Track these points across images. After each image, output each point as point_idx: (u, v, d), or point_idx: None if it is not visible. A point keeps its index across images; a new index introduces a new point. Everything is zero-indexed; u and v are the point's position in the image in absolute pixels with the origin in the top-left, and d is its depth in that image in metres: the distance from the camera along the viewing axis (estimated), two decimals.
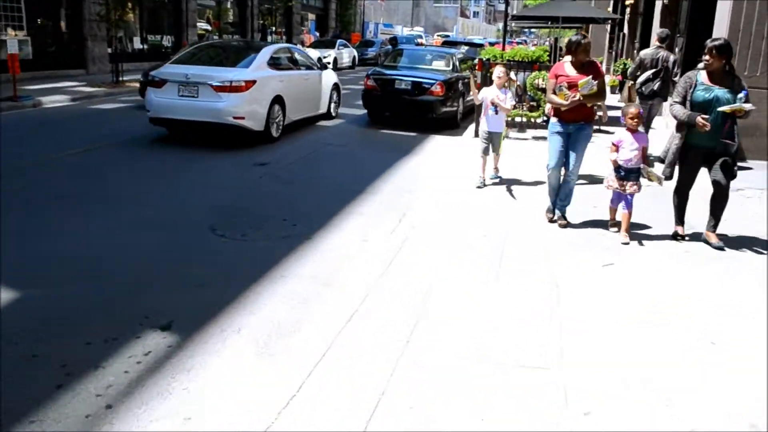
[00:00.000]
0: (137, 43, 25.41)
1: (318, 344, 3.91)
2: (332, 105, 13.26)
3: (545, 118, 10.87)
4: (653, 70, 9.32)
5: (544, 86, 11.12)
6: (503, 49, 12.65)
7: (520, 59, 11.31)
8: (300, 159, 9.38)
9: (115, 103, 15.08)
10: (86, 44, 22.39)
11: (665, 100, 9.50)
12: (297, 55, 12.24)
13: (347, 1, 45.50)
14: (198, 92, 9.56)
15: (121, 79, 19.18)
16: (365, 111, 13.25)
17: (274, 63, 10.90)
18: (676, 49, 13.08)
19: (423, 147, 10.84)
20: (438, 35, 58.21)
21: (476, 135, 11.20)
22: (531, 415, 3.26)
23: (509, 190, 7.68)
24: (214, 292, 4.62)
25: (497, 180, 8.20)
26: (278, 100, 10.50)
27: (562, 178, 6.43)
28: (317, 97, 12.48)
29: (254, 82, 9.80)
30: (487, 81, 11.22)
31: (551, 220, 6.50)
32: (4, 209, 6.24)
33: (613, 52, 23.34)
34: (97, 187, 7.41)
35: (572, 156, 6.29)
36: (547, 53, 12.65)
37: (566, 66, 6.21)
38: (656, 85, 9.33)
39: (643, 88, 9.39)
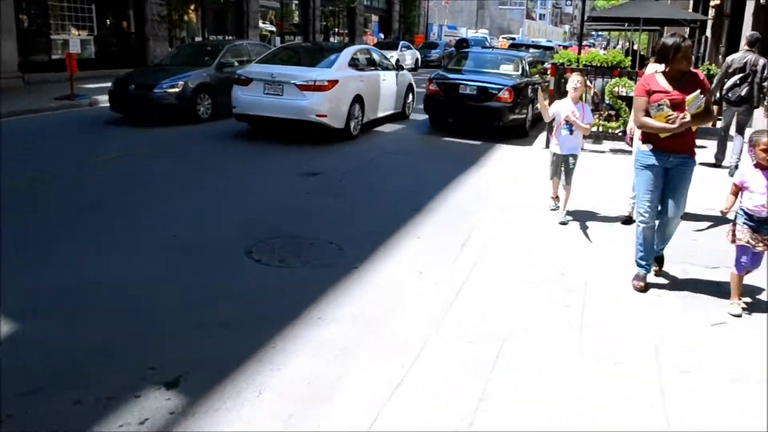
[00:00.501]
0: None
1: (358, 417, 3.10)
2: (407, 105, 13.55)
3: (622, 131, 9.80)
4: (741, 75, 8.82)
5: (624, 94, 10.04)
6: (578, 53, 11.60)
7: (599, 64, 10.21)
8: (354, 168, 8.62)
9: None
10: (148, 44, 22.37)
11: (754, 107, 9.10)
12: (375, 56, 12.48)
13: (411, 3, 44.72)
14: (283, 90, 10.02)
15: None
16: (427, 116, 12.38)
17: (354, 63, 11.27)
18: None
19: (488, 158, 9.91)
20: (503, 37, 56.71)
21: (547, 146, 10.20)
22: None
23: (584, 229, 6.41)
24: (238, 335, 3.87)
25: (556, 209, 6.74)
26: (358, 99, 10.82)
27: (656, 223, 4.90)
28: (393, 97, 12.75)
29: (336, 81, 10.20)
30: (560, 88, 10.20)
31: (641, 289, 4.82)
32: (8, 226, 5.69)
33: (692, 58, 21.70)
34: (122, 199, 6.83)
35: (671, 201, 4.76)
36: (628, 58, 11.47)
37: (659, 79, 4.66)
38: (744, 91, 8.83)
39: (730, 94, 8.93)
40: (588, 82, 9.82)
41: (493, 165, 9.41)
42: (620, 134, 10.11)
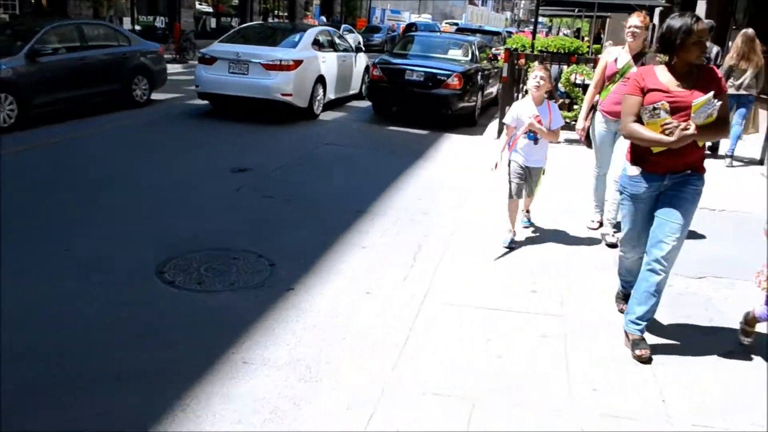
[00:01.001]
0: (127, 24, 23.66)
1: None
2: (363, 86, 13.43)
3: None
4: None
5: (581, 82, 9.46)
6: (533, 37, 10.94)
7: (555, 50, 9.57)
8: (291, 163, 7.74)
9: None
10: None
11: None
12: (335, 38, 12.57)
13: None
14: (248, 70, 10.06)
15: None
16: (369, 104, 11.55)
17: (317, 44, 11.34)
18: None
19: (437, 149, 9.18)
20: (447, 23, 55.96)
21: (499, 134, 9.54)
22: None
23: (550, 237, 5.81)
24: (136, 394, 3.00)
25: (528, 226, 5.76)
26: (320, 79, 10.97)
27: (644, 263, 3.67)
28: (352, 78, 12.85)
29: (301, 61, 10.29)
30: (514, 75, 9.56)
31: (644, 359, 3.58)
32: None
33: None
34: (21, 208, 5.78)
35: (666, 228, 3.50)
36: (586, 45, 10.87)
37: (659, 73, 3.51)
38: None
39: None
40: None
41: (443, 157, 8.69)
42: (572, 124, 9.54)
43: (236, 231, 5.27)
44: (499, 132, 9.54)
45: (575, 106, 9.15)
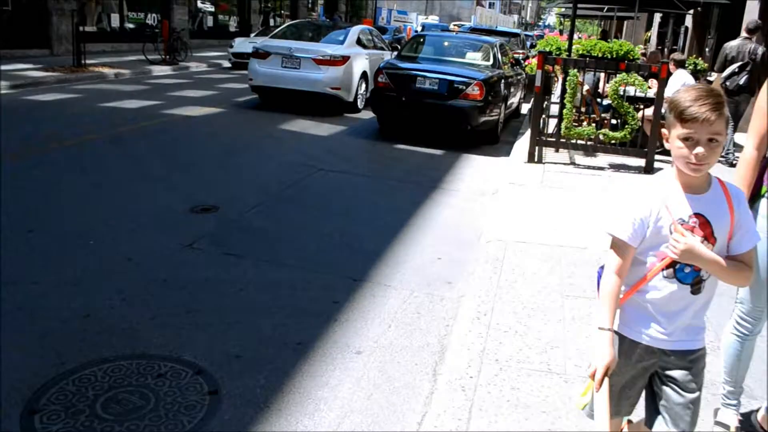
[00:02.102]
0: (115, 21, 22.04)
1: None
2: None
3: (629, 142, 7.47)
4: (739, 63, 8.52)
5: (634, 95, 7.75)
6: (570, 39, 9.19)
7: (600, 55, 7.82)
8: (271, 198, 6.03)
9: (64, 93, 11.74)
10: (51, 20, 19.12)
11: (753, 95, 8.52)
12: (374, 37, 13.23)
13: None
14: (300, 64, 10.73)
15: (84, 62, 15.90)
16: (374, 115, 9.84)
17: (360, 42, 11.96)
18: None
19: (456, 176, 7.48)
20: (455, 24, 54.34)
21: (531, 158, 7.82)
22: None
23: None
24: None
25: None
26: (364, 75, 11.45)
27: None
28: None
29: (348, 57, 10.93)
30: (549, 85, 7.85)
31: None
32: None
33: (665, 49, 19.79)
34: None
35: None
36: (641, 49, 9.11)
37: None
38: (743, 79, 8.49)
39: (728, 83, 8.53)
40: (578, 77, 7.51)
41: (464, 187, 6.98)
42: (624, 147, 7.81)
43: (171, 319, 3.55)
44: (531, 156, 7.82)
45: (626, 126, 7.42)
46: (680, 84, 8.26)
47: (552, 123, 8.39)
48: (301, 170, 7.07)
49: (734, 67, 8.53)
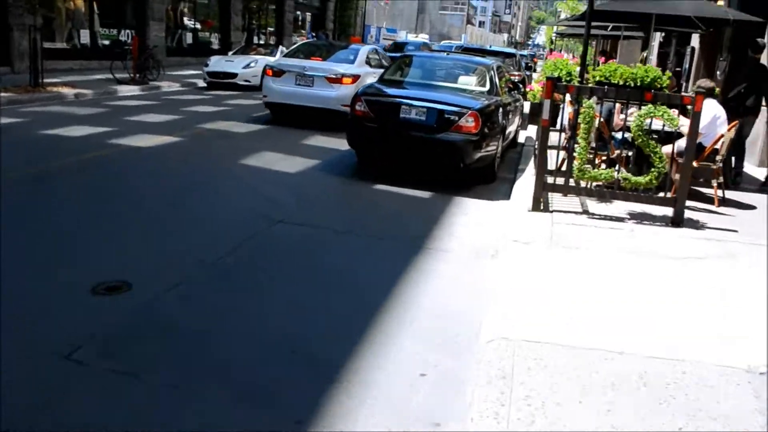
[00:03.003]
0: (85, 38, 20.69)
1: None
2: None
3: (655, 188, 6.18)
4: (745, 84, 8.27)
5: (661, 130, 6.45)
6: (583, 62, 7.82)
7: (621, 82, 6.48)
8: (205, 269, 4.64)
9: (8, 117, 10.37)
10: (12, 36, 17.75)
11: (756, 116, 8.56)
12: (380, 57, 13.56)
13: (347, 1, 40.89)
14: (313, 82, 11.20)
15: (41, 81, 14.53)
16: (350, 148, 8.48)
17: (368, 62, 12.49)
18: None
19: (447, 228, 6.13)
20: (444, 43, 53.41)
21: (537, 205, 6.50)
22: None
23: None
24: None
25: None
26: None
27: None
28: None
29: (359, 76, 11.36)
30: (556, 116, 6.55)
31: None
32: None
33: (668, 71, 18.60)
34: None
35: None
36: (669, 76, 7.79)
37: None
38: (750, 100, 8.25)
39: (733, 104, 8.16)
40: (594, 106, 6.21)
41: (456, 248, 5.61)
42: (641, 193, 6.50)
43: None
44: (536, 203, 6.49)
45: (653, 169, 6.11)
46: (710, 117, 6.99)
47: (552, 156, 7.08)
48: (254, 223, 5.70)
49: (740, 87, 8.33)
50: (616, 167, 6.86)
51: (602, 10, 8.87)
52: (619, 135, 7.43)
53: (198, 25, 27.75)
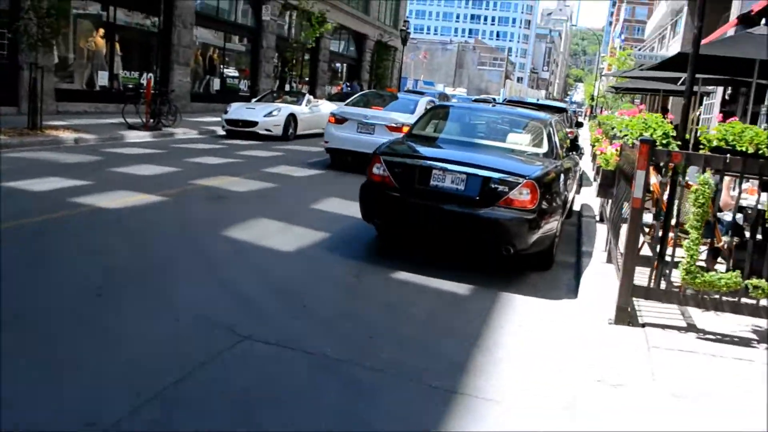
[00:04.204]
0: (104, 80, 19.56)
1: None
2: None
3: None
4: None
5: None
6: (684, 118, 5.83)
7: (753, 149, 4.46)
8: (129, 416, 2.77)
9: None
10: (20, 75, 16.68)
11: None
12: None
13: (384, 52, 39.90)
14: (374, 130, 11.75)
15: (40, 124, 13.21)
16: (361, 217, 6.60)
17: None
18: None
19: (491, 355, 4.17)
20: (483, 98, 52.07)
21: (622, 316, 4.52)
22: None
23: None
24: None
25: None
26: None
27: None
28: None
29: None
30: (654, 197, 4.64)
31: None
32: None
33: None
34: None
35: None
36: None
37: None
38: None
39: None
40: (710, 182, 4.27)
41: (507, 394, 3.63)
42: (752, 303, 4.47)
43: None
44: (621, 313, 4.51)
45: None
46: None
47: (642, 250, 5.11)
48: (208, 341, 3.82)
49: None
50: (720, 260, 4.86)
51: (705, 54, 6.94)
52: (728, 217, 5.46)
53: (227, 71, 26.71)
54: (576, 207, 9.59)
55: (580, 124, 18.10)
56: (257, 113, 16.77)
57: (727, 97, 18.18)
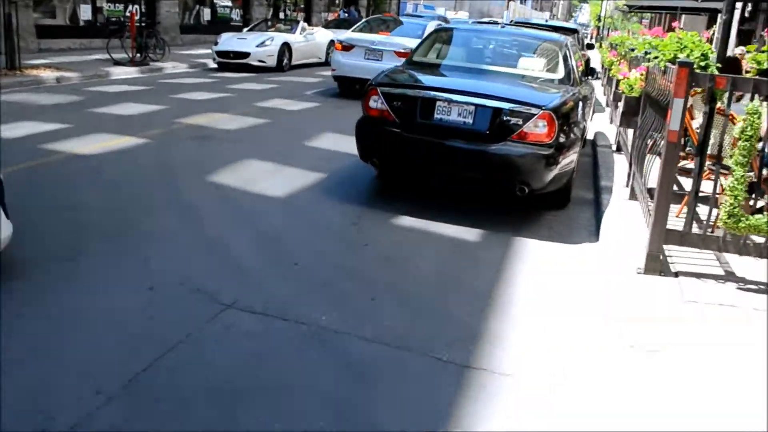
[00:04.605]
0: (87, 13, 18.55)
1: None
2: None
3: None
4: None
5: None
6: (725, 39, 5.16)
7: None
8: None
9: None
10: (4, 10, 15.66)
11: None
12: None
13: None
14: (382, 56, 11.49)
15: (18, 63, 12.49)
16: (358, 156, 6.01)
17: None
18: None
19: (505, 316, 3.67)
20: (486, 21, 50.09)
21: (653, 265, 4.01)
22: None
23: None
24: None
25: None
26: None
27: None
28: None
29: None
30: (709, 127, 4.05)
31: None
32: None
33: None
34: None
35: None
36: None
37: None
38: None
39: None
40: (762, 111, 3.68)
41: (525, 359, 3.17)
42: None
43: None
44: (652, 261, 4.00)
45: None
46: None
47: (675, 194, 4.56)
48: (185, 313, 3.33)
49: None
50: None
51: None
52: None
53: (218, 0, 25.46)
54: (589, 135, 8.97)
55: (590, 46, 17.13)
56: (249, 43, 15.89)
57: (746, 14, 17.08)
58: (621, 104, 5.74)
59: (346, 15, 32.42)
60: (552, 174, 5.02)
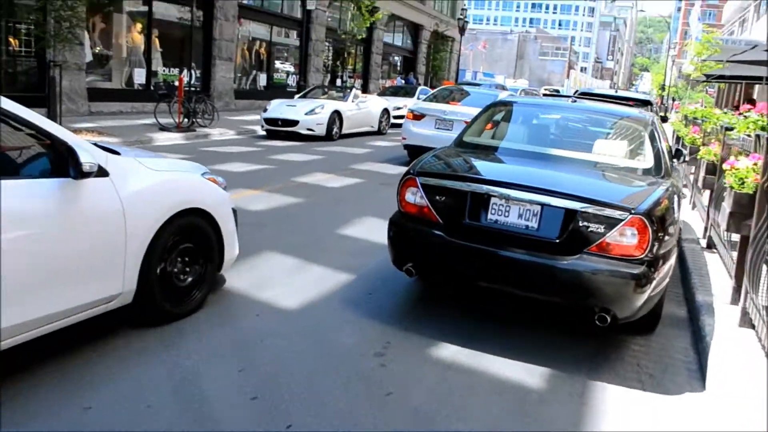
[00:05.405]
0: (140, 77, 18.49)
1: None
2: None
3: None
4: None
5: None
6: None
7: None
8: None
9: None
10: (47, 74, 15.64)
11: None
12: None
13: (441, 43, 37.97)
14: (452, 126, 11.48)
15: (61, 125, 11.93)
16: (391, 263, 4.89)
17: None
18: None
19: None
20: (546, 89, 49.35)
21: None
22: None
23: None
24: None
25: None
26: None
27: None
28: None
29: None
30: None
31: None
32: None
33: None
34: None
35: None
36: None
37: None
38: None
39: None
40: None
41: None
42: None
43: None
44: None
45: None
46: None
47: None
48: None
49: None
50: None
51: None
52: None
53: (279, 65, 25.48)
54: None
55: (664, 119, 15.88)
56: (298, 111, 15.29)
57: None
58: (728, 202, 4.49)
59: (404, 82, 32.17)
60: (644, 298, 3.78)
